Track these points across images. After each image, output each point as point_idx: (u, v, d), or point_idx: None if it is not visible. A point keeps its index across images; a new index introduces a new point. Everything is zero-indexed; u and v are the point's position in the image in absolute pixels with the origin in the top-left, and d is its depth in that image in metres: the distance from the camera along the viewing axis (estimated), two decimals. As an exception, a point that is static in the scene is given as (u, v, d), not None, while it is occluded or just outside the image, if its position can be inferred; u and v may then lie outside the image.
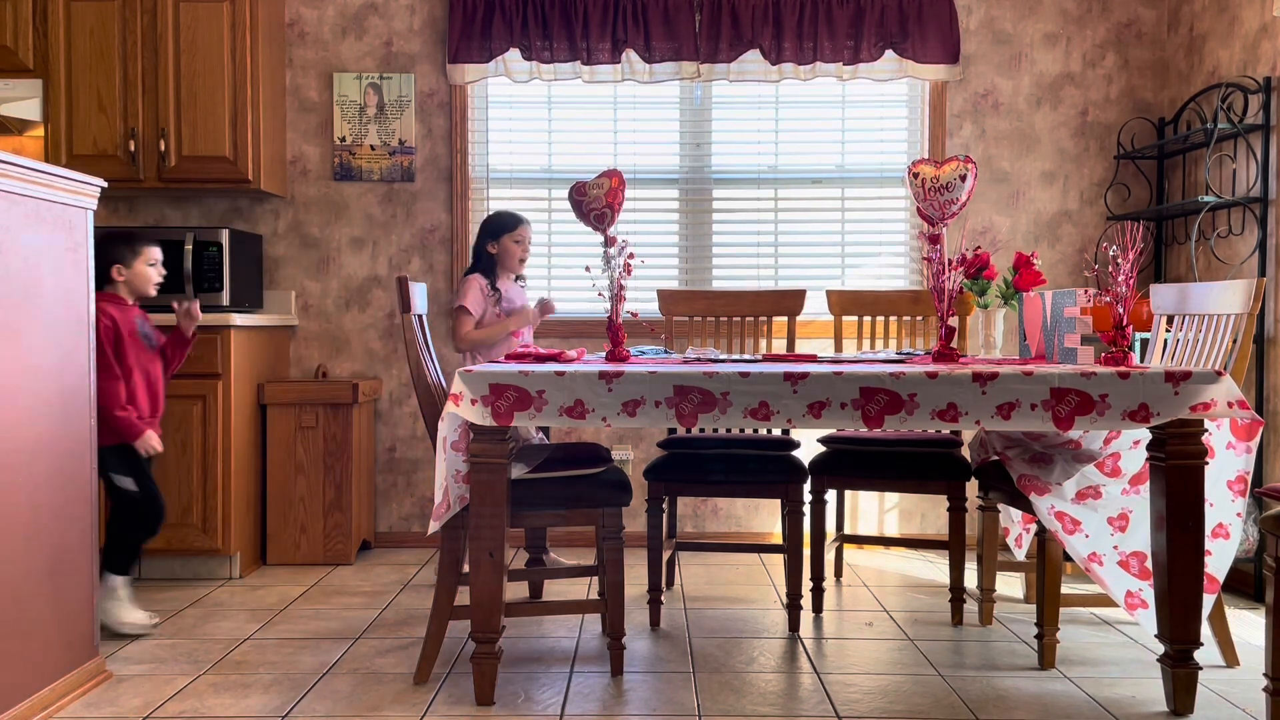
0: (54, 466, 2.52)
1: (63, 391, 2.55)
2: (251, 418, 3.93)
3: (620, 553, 2.74)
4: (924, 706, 2.56)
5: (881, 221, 4.47)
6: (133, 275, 3.25)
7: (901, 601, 3.54)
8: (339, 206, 4.38)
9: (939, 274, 2.90)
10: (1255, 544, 3.42)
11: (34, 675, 2.44)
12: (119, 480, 3.20)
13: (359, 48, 4.36)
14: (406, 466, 4.39)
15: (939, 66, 4.28)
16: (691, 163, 4.46)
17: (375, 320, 4.39)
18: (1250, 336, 2.74)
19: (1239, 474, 2.73)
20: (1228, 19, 3.89)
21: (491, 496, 2.52)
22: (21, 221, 2.39)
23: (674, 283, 4.47)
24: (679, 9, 4.23)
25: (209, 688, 2.68)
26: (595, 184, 2.99)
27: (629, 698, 2.61)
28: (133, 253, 3.25)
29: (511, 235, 3.65)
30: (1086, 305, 2.75)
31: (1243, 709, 2.55)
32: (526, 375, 2.45)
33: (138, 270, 3.25)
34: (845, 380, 2.43)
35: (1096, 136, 4.37)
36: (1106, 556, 2.74)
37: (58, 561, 2.53)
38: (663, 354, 3.11)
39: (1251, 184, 3.67)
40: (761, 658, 2.93)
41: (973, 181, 2.87)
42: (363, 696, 2.62)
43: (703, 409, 2.44)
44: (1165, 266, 4.30)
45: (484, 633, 2.55)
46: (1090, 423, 2.42)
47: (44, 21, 3.93)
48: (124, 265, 3.23)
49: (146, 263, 3.28)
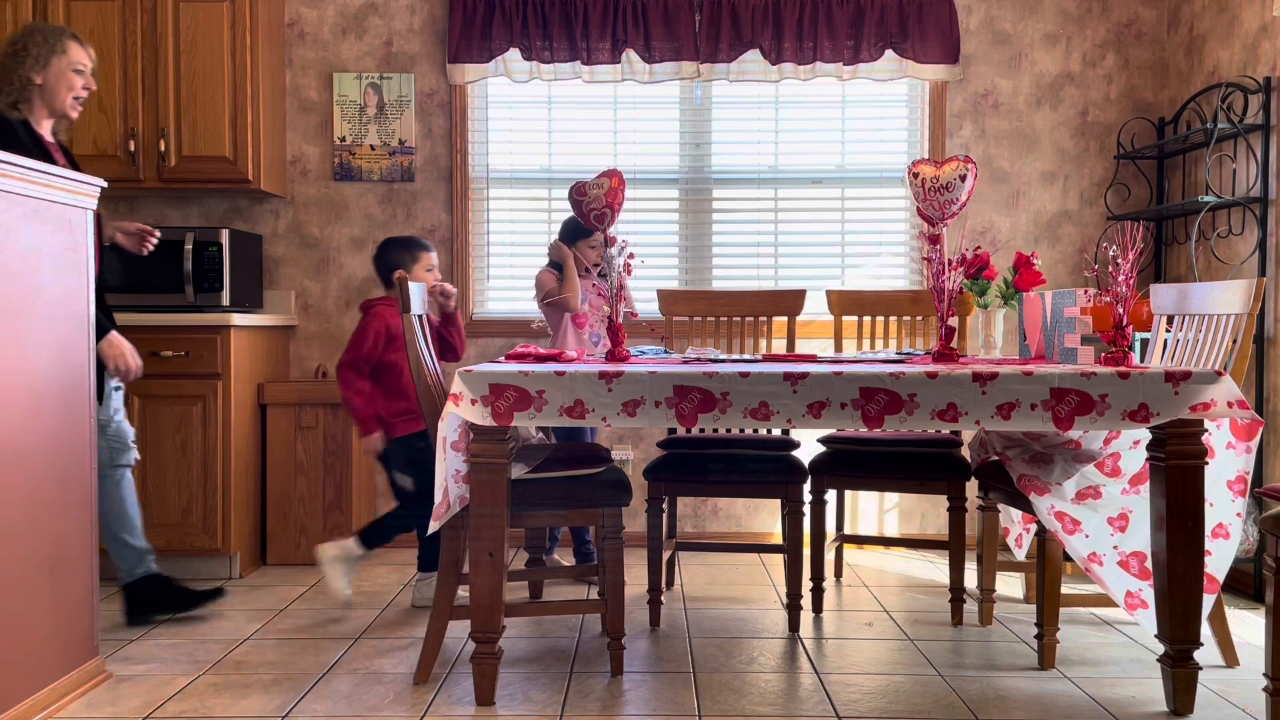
0: (54, 466, 2.52)
1: (62, 391, 2.55)
2: (251, 418, 3.93)
3: (620, 553, 2.74)
4: (924, 706, 2.56)
5: (881, 221, 4.47)
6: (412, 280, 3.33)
7: (901, 601, 3.54)
8: (339, 206, 4.38)
9: (939, 274, 2.90)
10: (1255, 544, 3.42)
11: (34, 675, 2.44)
12: (398, 478, 3.38)
13: (359, 48, 4.36)
14: (406, 466, 4.38)
15: (939, 66, 4.28)
16: (691, 163, 4.46)
17: (375, 320, 4.39)
18: (1250, 336, 2.74)
19: (1239, 474, 2.73)
20: (1228, 19, 3.89)
21: (491, 496, 2.52)
22: (21, 221, 2.39)
23: (674, 283, 4.47)
24: (679, 9, 4.24)
25: (209, 688, 2.69)
26: (595, 184, 2.99)
27: (629, 698, 2.61)
28: (412, 258, 3.44)
29: (586, 241, 3.78)
30: (1086, 305, 2.75)
31: (1243, 709, 2.55)
32: (526, 375, 2.45)
33: (417, 275, 3.41)
34: (845, 380, 2.43)
35: (1096, 136, 4.37)
36: (1106, 556, 2.74)
37: (58, 561, 2.53)
38: (663, 354, 3.11)
39: (1251, 184, 3.67)
40: (761, 658, 2.93)
41: (973, 181, 2.87)
42: (363, 696, 2.62)
43: (703, 409, 2.44)
44: (1165, 266, 4.30)
45: (484, 633, 2.55)
46: (1090, 423, 2.42)
47: (44, 22, 3.92)
48: (405, 270, 3.39)
49: (425, 267, 3.46)
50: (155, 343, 3.70)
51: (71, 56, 3.00)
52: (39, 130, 3.01)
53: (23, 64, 2.95)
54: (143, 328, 3.69)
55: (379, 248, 3.52)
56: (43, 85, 2.97)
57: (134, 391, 3.68)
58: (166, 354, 3.70)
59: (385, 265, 3.45)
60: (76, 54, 3.01)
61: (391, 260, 3.44)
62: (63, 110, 3.03)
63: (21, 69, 2.95)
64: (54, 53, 2.97)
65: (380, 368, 3.38)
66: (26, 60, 2.95)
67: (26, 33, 2.99)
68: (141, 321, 3.70)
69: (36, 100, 2.99)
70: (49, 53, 2.96)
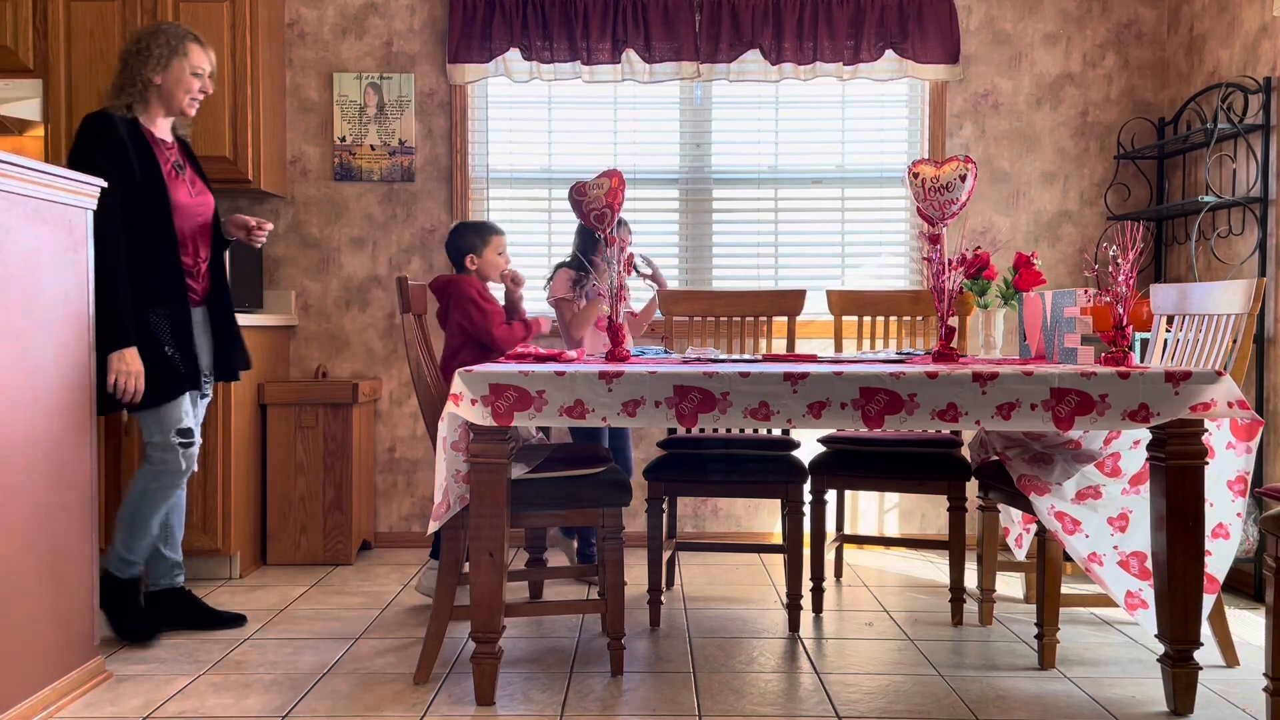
0: (54, 466, 2.52)
1: (63, 392, 2.55)
2: (251, 418, 3.93)
3: (620, 553, 2.74)
4: (924, 706, 2.56)
5: (881, 221, 4.47)
6: (483, 263, 3.41)
7: (901, 601, 3.54)
8: (339, 206, 4.38)
9: (939, 274, 2.90)
10: (1255, 544, 3.42)
11: (34, 675, 2.44)
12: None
13: (359, 48, 4.36)
14: (406, 466, 4.39)
15: (939, 66, 4.28)
16: (691, 163, 4.46)
17: (375, 320, 4.39)
18: (1250, 336, 2.74)
19: (1239, 474, 2.73)
20: (1228, 19, 3.89)
21: (491, 496, 2.52)
22: (21, 221, 2.39)
23: (674, 283, 4.46)
24: (679, 9, 4.24)
25: (209, 688, 2.68)
26: (595, 184, 2.99)
27: (629, 698, 2.61)
28: (483, 241, 3.42)
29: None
30: (1086, 305, 2.75)
31: (1243, 709, 2.55)
32: (527, 375, 2.45)
33: (487, 258, 3.40)
34: (845, 380, 2.43)
35: (1096, 136, 4.37)
36: (1106, 556, 2.74)
37: (58, 561, 2.53)
38: (663, 354, 3.11)
39: (1251, 184, 3.67)
40: (761, 658, 2.93)
41: (973, 181, 2.87)
42: (363, 696, 2.62)
43: (703, 409, 2.44)
44: (1165, 266, 4.30)
45: (484, 633, 2.55)
46: (1090, 423, 2.42)
47: (44, 22, 3.93)
48: (476, 254, 3.39)
49: (495, 251, 3.43)
50: (155, 343, 3.69)
51: (192, 60, 3.05)
52: (151, 128, 3.04)
53: (145, 64, 3.00)
54: (143, 328, 3.69)
55: (451, 233, 3.48)
56: (161, 86, 3.02)
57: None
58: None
59: (456, 249, 3.42)
60: (197, 57, 3.06)
61: (462, 244, 3.41)
62: (180, 110, 3.08)
63: (144, 69, 3.00)
64: (175, 55, 3.02)
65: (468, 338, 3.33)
66: (149, 61, 3.00)
67: (151, 33, 3.04)
68: (141, 321, 3.70)
69: (154, 99, 3.04)
70: (170, 55, 3.01)
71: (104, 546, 3.57)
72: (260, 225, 3.24)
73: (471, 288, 3.29)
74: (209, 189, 3.23)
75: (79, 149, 2.92)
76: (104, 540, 3.59)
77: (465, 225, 3.52)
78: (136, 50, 3.02)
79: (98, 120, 2.95)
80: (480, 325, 3.26)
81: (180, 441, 3.03)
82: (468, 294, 3.27)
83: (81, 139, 2.93)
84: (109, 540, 3.13)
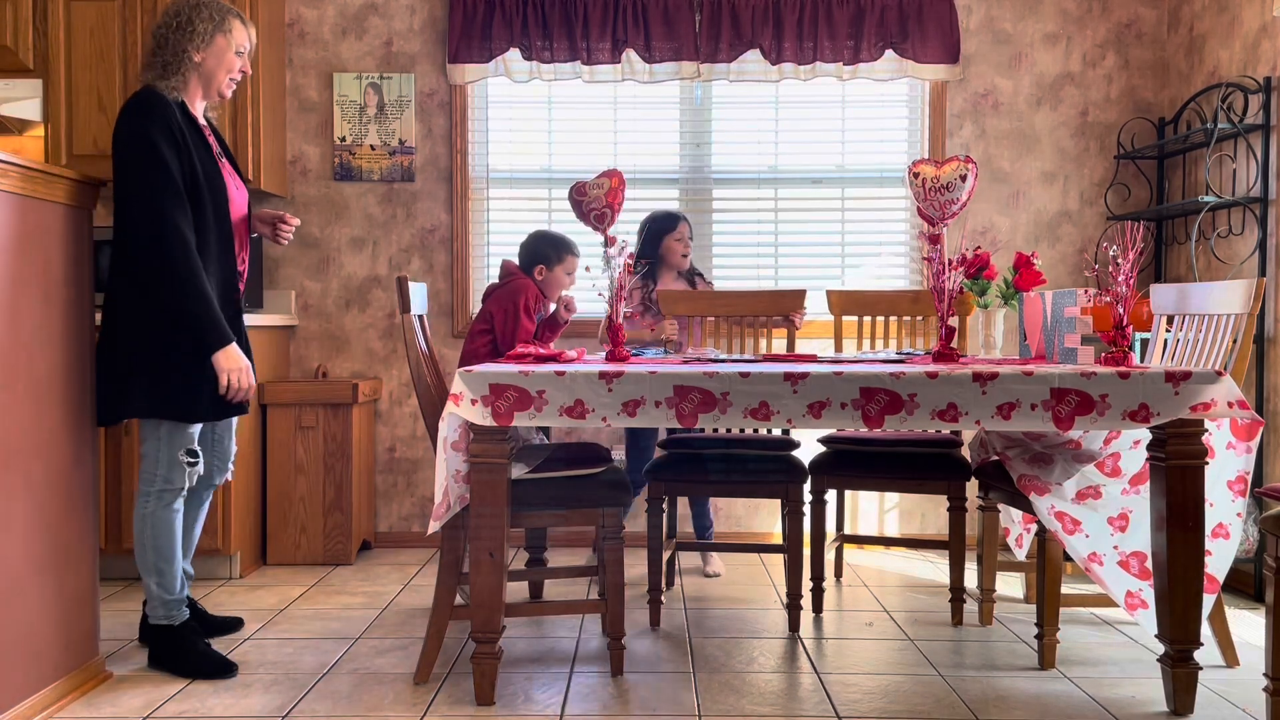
0: (55, 466, 2.52)
1: (63, 392, 2.55)
2: (251, 418, 3.92)
3: (620, 553, 2.74)
4: (924, 706, 2.56)
5: (881, 221, 4.47)
6: (551, 278, 3.41)
7: (901, 601, 3.54)
8: (339, 206, 4.38)
9: (939, 274, 2.90)
10: (1255, 544, 3.42)
11: (34, 675, 2.44)
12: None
13: (359, 48, 4.36)
14: (406, 466, 4.39)
15: (939, 66, 4.28)
16: (691, 163, 4.46)
17: (375, 320, 4.39)
18: (1250, 336, 2.74)
19: (1239, 474, 2.73)
20: (1228, 19, 3.89)
21: (491, 496, 2.52)
22: (21, 221, 2.39)
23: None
24: (679, 9, 4.24)
25: (209, 688, 2.68)
26: (595, 184, 2.99)
27: (629, 698, 2.61)
28: (558, 258, 3.41)
29: (672, 235, 3.92)
30: (1086, 305, 2.75)
31: (1243, 709, 2.55)
32: (527, 375, 2.45)
33: (557, 275, 3.41)
34: (845, 380, 2.43)
35: (1096, 136, 4.37)
36: (1106, 556, 2.74)
37: (58, 561, 2.53)
38: (663, 354, 3.11)
39: (1251, 184, 3.67)
40: (761, 658, 2.93)
41: (973, 181, 2.87)
42: (363, 696, 2.62)
43: (703, 409, 2.44)
44: (1165, 266, 4.30)
45: (484, 633, 2.55)
46: (1090, 423, 2.42)
47: (44, 21, 3.92)
48: (548, 267, 3.39)
49: (566, 271, 3.44)
50: (155, 343, 3.69)
51: (235, 36, 2.83)
52: (193, 112, 2.83)
53: (188, 40, 2.76)
54: (143, 328, 3.69)
55: (533, 237, 3.44)
56: (201, 64, 2.79)
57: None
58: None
59: (530, 254, 3.39)
60: (240, 34, 2.85)
61: (538, 252, 3.39)
62: (218, 90, 2.86)
63: (186, 46, 2.76)
64: (220, 30, 2.79)
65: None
66: (193, 37, 2.76)
67: (192, 5, 2.78)
68: (141, 321, 3.70)
69: (194, 79, 2.80)
70: (215, 30, 2.78)
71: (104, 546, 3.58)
72: (288, 220, 3.08)
73: (528, 294, 3.29)
74: (244, 180, 3.06)
75: (136, 127, 2.64)
76: (104, 541, 3.60)
77: (547, 236, 3.47)
78: (177, 25, 2.76)
79: (151, 98, 2.69)
80: (506, 328, 3.26)
81: (188, 461, 2.80)
82: (518, 297, 3.28)
83: (136, 117, 2.66)
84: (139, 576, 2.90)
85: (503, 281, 3.39)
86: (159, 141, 2.64)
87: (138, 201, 2.63)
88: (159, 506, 2.79)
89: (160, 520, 2.79)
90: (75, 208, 2.60)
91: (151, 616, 2.83)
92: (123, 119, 2.68)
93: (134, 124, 2.65)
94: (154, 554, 2.80)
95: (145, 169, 2.62)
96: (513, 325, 3.26)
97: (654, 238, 3.93)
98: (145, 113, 2.67)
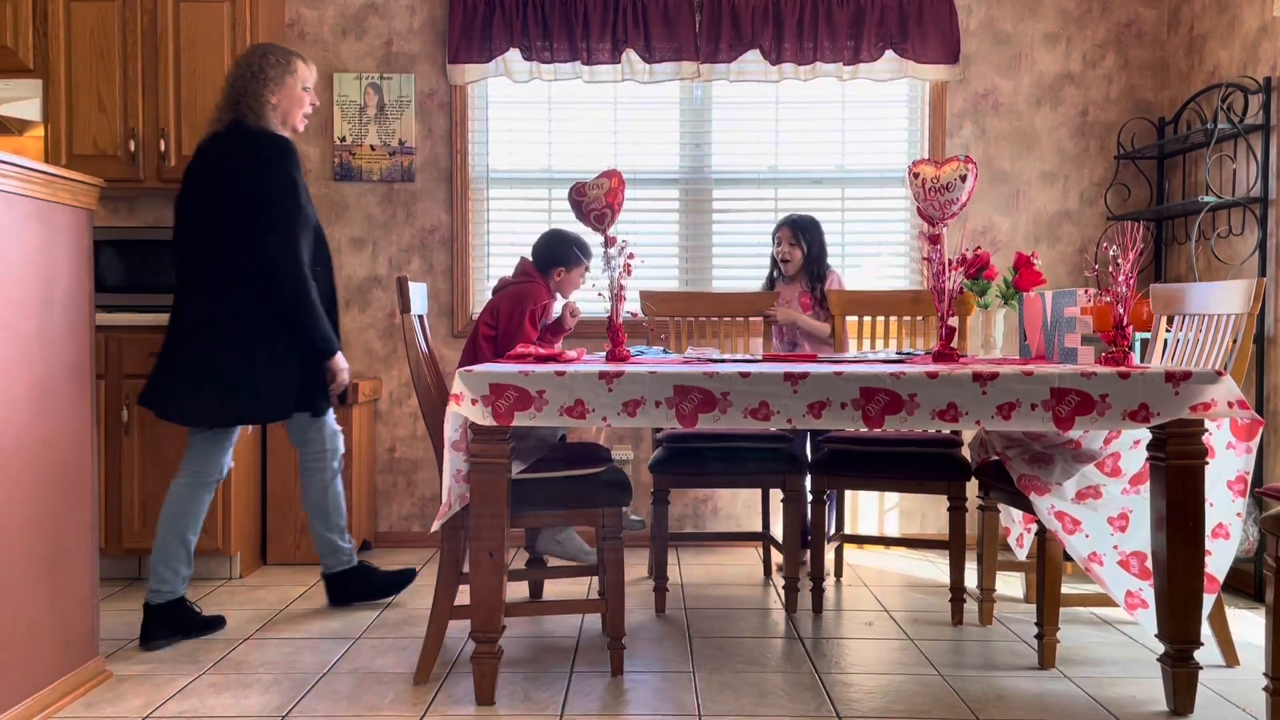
0: (54, 467, 2.52)
1: (63, 392, 2.55)
2: (251, 418, 3.92)
3: (620, 553, 2.74)
4: (924, 706, 2.56)
5: (881, 221, 4.47)
6: (566, 280, 3.48)
7: (901, 601, 3.54)
8: (339, 206, 4.38)
9: (939, 274, 2.90)
10: (1255, 544, 3.42)
11: (34, 675, 2.44)
12: None
13: (359, 48, 4.36)
14: (406, 466, 4.39)
15: (939, 66, 4.28)
16: (691, 163, 4.46)
17: (375, 320, 4.39)
18: (1250, 336, 2.74)
19: (1239, 474, 2.73)
20: (1228, 19, 3.89)
21: (491, 496, 2.52)
22: (21, 221, 2.39)
23: (674, 283, 4.47)
24: (679, 9, 4.24)
25: (209, 688, 2.68)
26: (595, 184, 2.99)
27: (629, 698, 2.61)
28: (578, 261, 3.49)
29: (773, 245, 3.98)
30: (1086, 305, 2.75)
31: (1243, 709, 2.55)
32: (527, 375, 2.45)
33: (573, 278, 3.47)
34: (845, 380, 2.43)
35: (1096, 136, 4.37)
36: (1106, 556, 2.74)
37: (58, 561, 2.53)
38: (662, 354, 3.11)
39: (1251, 184, 3.67)
40: (761, 658, 2.93)
41: (973, 181, 2.87)
42: (363, 696, 2.62)
43: (703, 409, 2.44)
44: (1165, 266, 4.30)
45: (484, 633, 2.55)
46: (1090, 423, 2.42)
47: (44, 21, 3.93)
48: (566, 269, 3.45)
49: (581, 274, 3.52)
50: (155, 343, 3.68)
51: (301, 75, 3.20)
52: None
53: (263, 86, 3.12)
54: (143, 328, 3.70)
55: (554, 236, 3.45)
56: (277, 106, 3.15)
57: (133, 392, 3.68)
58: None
59: (549, 255, 3.41)
60: (304, 72, 3.22)
61: (558, 254, 3.41)
62: (294, 127, 3.23)
63: (264, 91, 3.12)
64: (287, 72, 3.16)
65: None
66: (267, 83, 3.13)
67: (260, 54, 3.16)
68: (141, 321, 3.70)
69: (274, 119, 3.15)
70: (283, 73, 3.16)
71: (104, 546, 3.57)
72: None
73: (536, 302, 3.32)
74: None
75: (285, 172, 3.05)
76: (104, 541, 3.59)
77: (567, 237, 3.49)
78: (251, 73, 3.13)
79: (289, 145, 3.11)
80: (509, 330, 3.29)
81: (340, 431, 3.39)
82: (526, 304, 3.31)
83: (284, 161, 3.06)
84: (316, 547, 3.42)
85: (516, 279, 3.39)
86: (298, 181, 3.08)
87: (280, 235, 3.02)
88: (335, 476, 3.35)
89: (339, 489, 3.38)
90: (76, 208, 2.61)
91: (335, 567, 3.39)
92: (268, 161, 3.05)
93: (282, 168, 3.06)
94: (338, 515, 3.37)
95: (290, 209, 3.05)
96: (515, 329, 3.27)
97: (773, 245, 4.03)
98: (289, 157, 3.08)
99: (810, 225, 4.00)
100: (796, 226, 3.99)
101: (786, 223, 4.01)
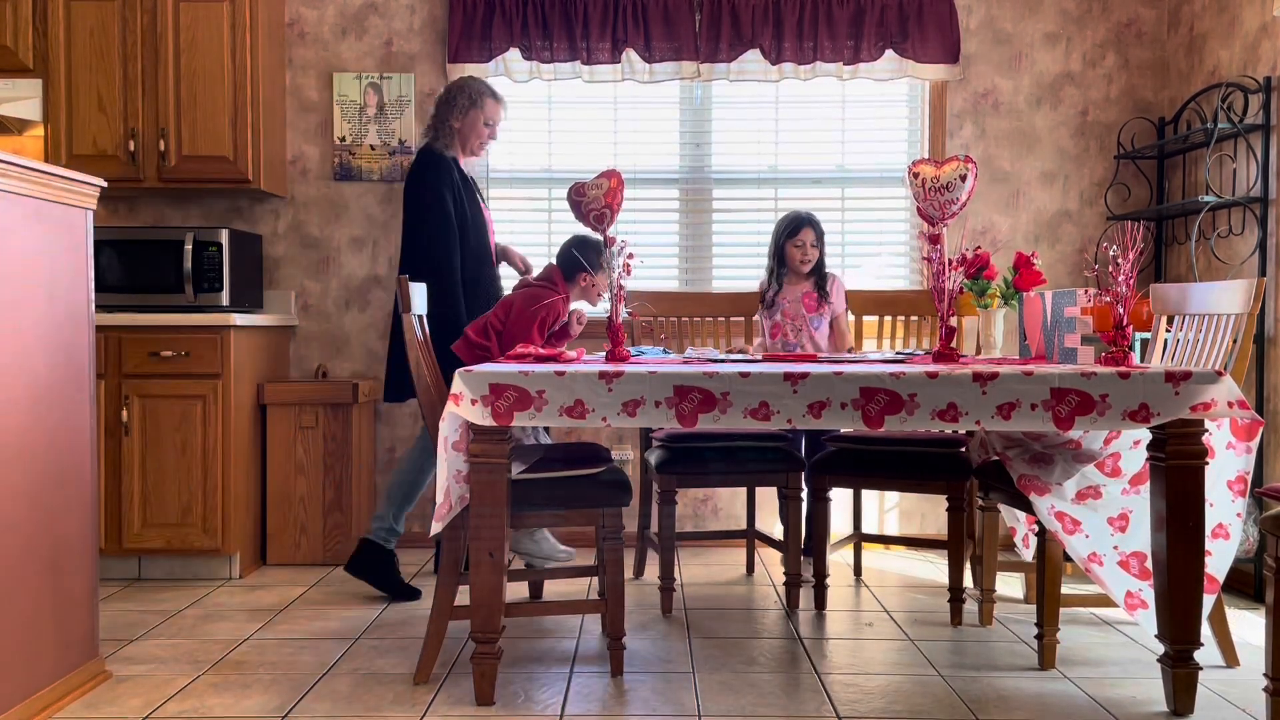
0: (54, 466, 2.52)
1: (63, 392, 2.55)
2: (251, 418, 3.93)
3: (620, 553, 2.74)
4: (924, 706, 2.56)
5: (881, 221, 4.47)
6: (591, 285, 3.47)
7: (901, 601, 3.54)
8: (339, 206, 4.38)
9: (939, 274, 2.90)
10: (1255, 544, 3.42)
11: (34, 675, 2.44)
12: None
13: (359, 48, 4.36)
14: (406, 466, 4.38)
15: (939, 66, 4.28)
16: (691, 163, 4.46)
17: (375, 320, 4.39)
18: (1250, 336, 2.74)
19: (1239, 474, 2.73)
20: (1228, 19, 3.89)
21: (491, 496, 2.52)
22: (21, 221, 2.39)
23: (674, 283, 4.47)
24: (679, 9, 4.23)
25: (209, 688, 2.69)
26: (594, 184, 2.99)
27: (629, 698, 2.61)
28: (600, 269, 3.45)
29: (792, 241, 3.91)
30: (1086, 305, 2.75)
31: (1243, 709, 2.55)
32: (527, 375, 2.45)
33: (598, 284, 3.46)
34: (845, 380, 2.43)
35: (1096, 136, 4.37)
36: (1106, 556, 2.74)
37: (58, 561, 2.53)
38: (662, 354, 3.11)
39: (1251, 184, 3.67)
40: (761, 658, 2.93)
41: (973, 181, 2.87)
42: (363, 696, 2.62)
43: (703, 409, 2.44)
44: (1165, 266, 4.30)
45: (484, 633, 2.55)
46: (1090, 423, 2.42)
47: (44, 21, 3.93)
48: (591, 274, 3.44)
49: (606, 277, 3.48)
50: (155, 343, 3.70)
51: (486, 111, 3.66)
52: (462, 165, 3.67)
53: (450, 112, 3.63)
54: (143, 328, 3.70)
55: (579, 241, 3.41)
56: (459, 130, 3.64)
57: (133, 392, 3.69)
58: (166, 354, 3.70)
59: (574, 260, 3.38)
60: (490, 110, 3.68)
61: (586, 259, 3.39)
62: (471, 152, 3.70)
63: (449, 116, 3.63)
64: (473, 106, 3.64)
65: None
66: (453, 110, 3.63)
67: (458, 85, 3.69)
68: (141, 321, 3.70)
69: (455, 141, 3.64)
70: (469, 105, 3.63)
71: (104, 546, 3.58)
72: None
73: (549, 312, 3.29)
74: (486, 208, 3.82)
75: (429, 183, 3.51)
76: (104, 541, 3.59)
77: (595, 245, 3.42)
78: (446, 99, 3.66)
79: (439, 159, 3.57)
80: (515, 331, 3.25)
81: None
82: (540, 312, 3.26)
83: (430, 173, 3.53)
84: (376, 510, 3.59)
85: (537, 281, 3.37)
86: (445, 194, 3.52)
87: (427, 238, 3.50)
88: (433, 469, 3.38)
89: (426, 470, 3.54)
90: (76, 208, 2.61)
91: (376, 538, 3.54)
92: (418, 174, 3.56)
93: (429, 179, 3.53)
94: (410, 502, 3.58)
95: (436, 215, 3.49)
96: (521, 331, 3.25)
97: (777, 241, 3.92)
98: (435, 169, 3.54)
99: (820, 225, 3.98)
100: (818, 227, 3.91)
101: (808, 222, 3.89)
